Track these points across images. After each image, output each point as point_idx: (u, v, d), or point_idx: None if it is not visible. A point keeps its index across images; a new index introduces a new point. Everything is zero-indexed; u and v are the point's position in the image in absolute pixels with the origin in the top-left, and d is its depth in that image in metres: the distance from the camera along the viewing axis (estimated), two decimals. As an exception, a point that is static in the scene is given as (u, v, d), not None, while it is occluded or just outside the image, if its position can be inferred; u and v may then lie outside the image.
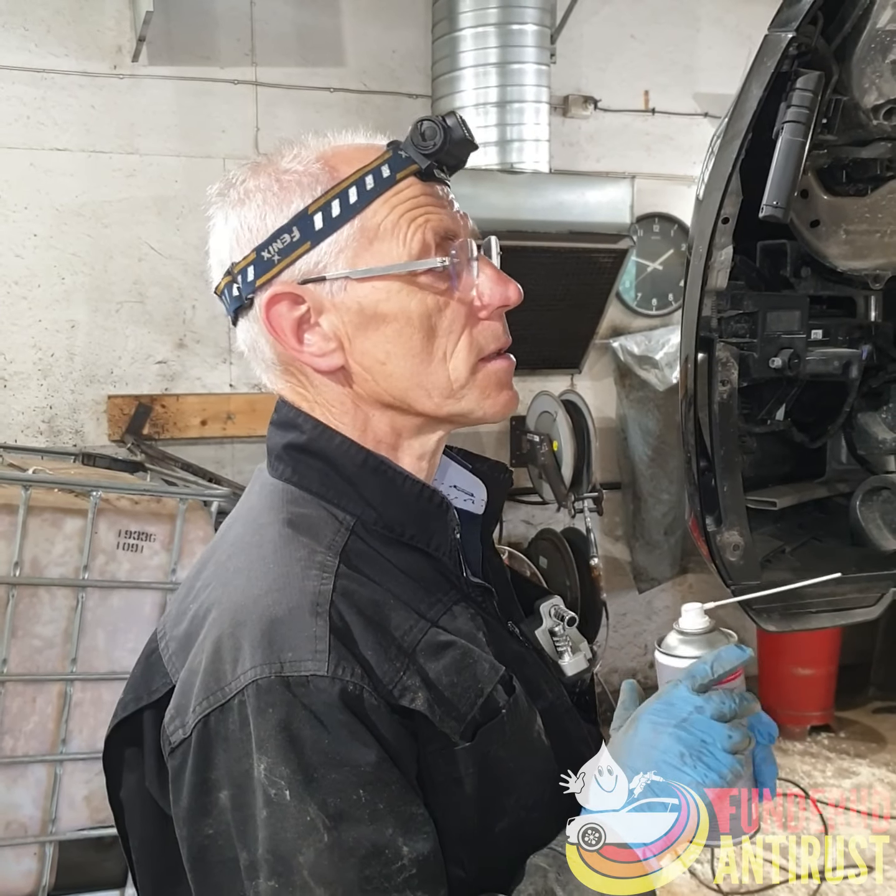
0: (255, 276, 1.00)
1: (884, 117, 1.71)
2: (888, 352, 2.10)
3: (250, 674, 0.88)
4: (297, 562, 0.95)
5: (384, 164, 0.99)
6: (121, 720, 1.03)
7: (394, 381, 1.00)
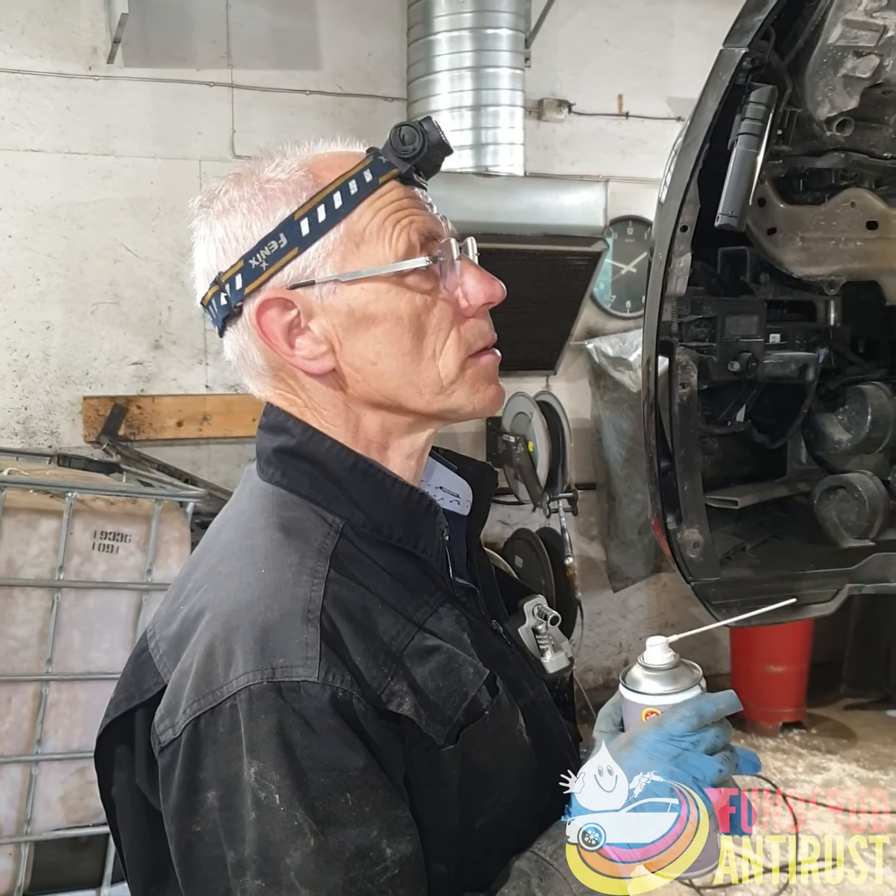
0: (244, 284, 1.02)
1: (837, 129, 1.75)
2: (846, 355, 2.14)
3: (243, 679, 0.90)
4: (289, 567, 0.96)
5: (366, 169, 1.01)
6: (112, 719, 1.05)
7: (385, 381, 1.02)
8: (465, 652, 1.00)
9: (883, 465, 2.15)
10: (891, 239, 1.97)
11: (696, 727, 0.96)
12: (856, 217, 1.95)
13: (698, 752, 0.95)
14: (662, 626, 5.20)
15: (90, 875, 2.76)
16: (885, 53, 1.67)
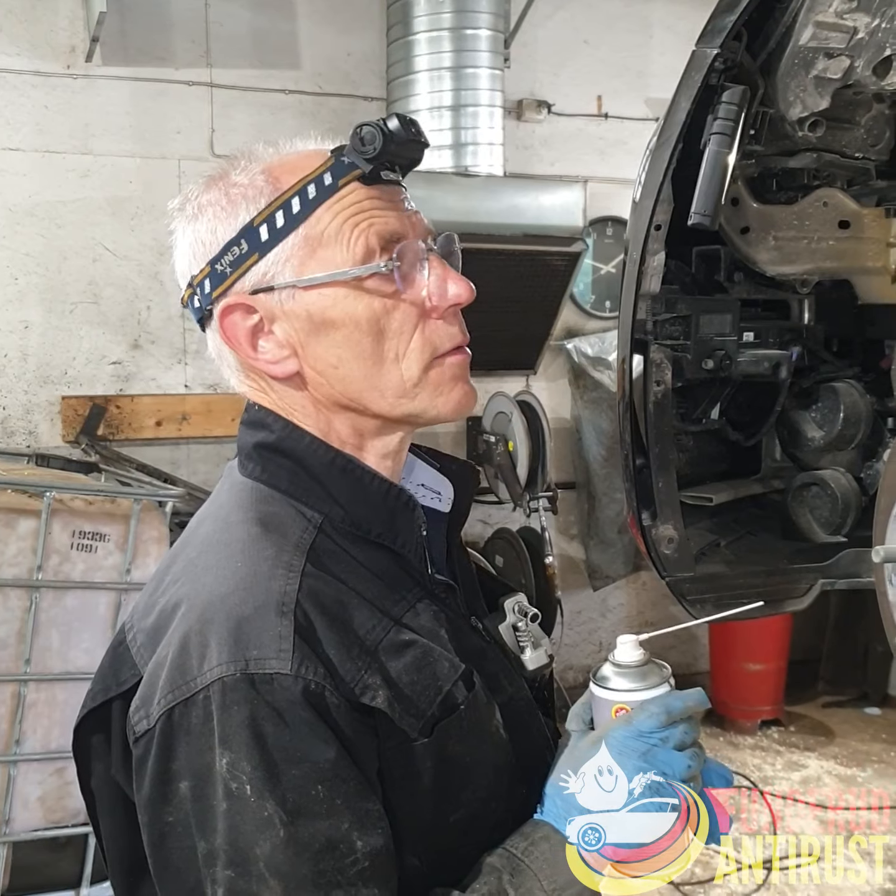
0: (212, 289, 1.03)
1: (808, 129, 1.77)
2: (819, 353, 2.16)
3: (216, 671, 0.91)
4: (265, 561, 0.97)
5: (326, 172, 1.00)
6: (89, 710, 1.05)
7: (348, 384, 1.02)
8: (441, 647, 1.01)
9: (855, 461, 2.17)
10: (862, 238, 1.99)
11: (665, 723, 0.96)
12: (828, 216, 1.97)
13: (667, 749, 0.95)
14: (642, 625, 5.22)
15: (69, 875, 2.76)
16: (856, 55, 1.68)
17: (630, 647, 1.02)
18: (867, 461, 2.17)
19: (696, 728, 0.99)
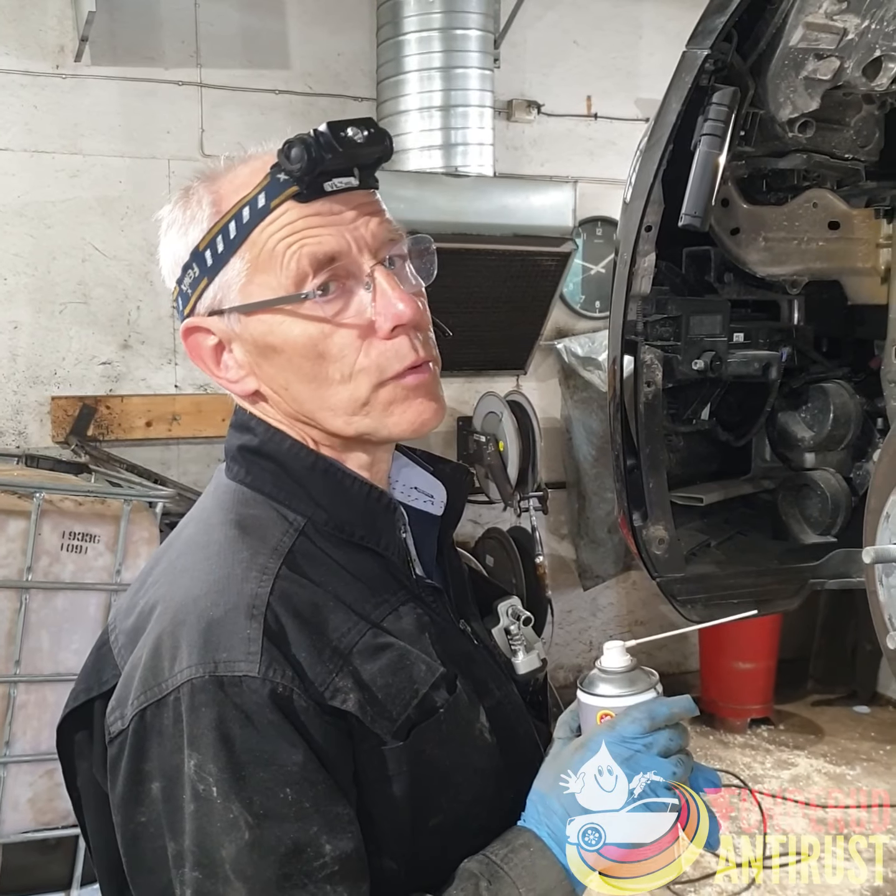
0: (182, 306, 1.04)
1: (798, 130, 1.78)
2: (808, 354, 2.17)
3: (186, 672, 0.91)
4: (239, 563, 0.97)
5: (261, 192, 0.98)
6: (72, 710, 1.05)
7: (301, 404, 1.02)
8: (422, 651, 1.00)
9: (845, 462, 2.18)
10: (852, 239, 2.00)
11: (649, 729, 0.95)
12: (818, 217, 1.98)
13: (651, 755, 0.95)
14: (632, 624, 5.23)
15: (59, 877, 2.75)
16: (846, 56, 1.69)
17: (617, 652, 1.01)
18: (857, 461, 2.18)
19: (682, 734, 0.98)
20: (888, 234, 2.00)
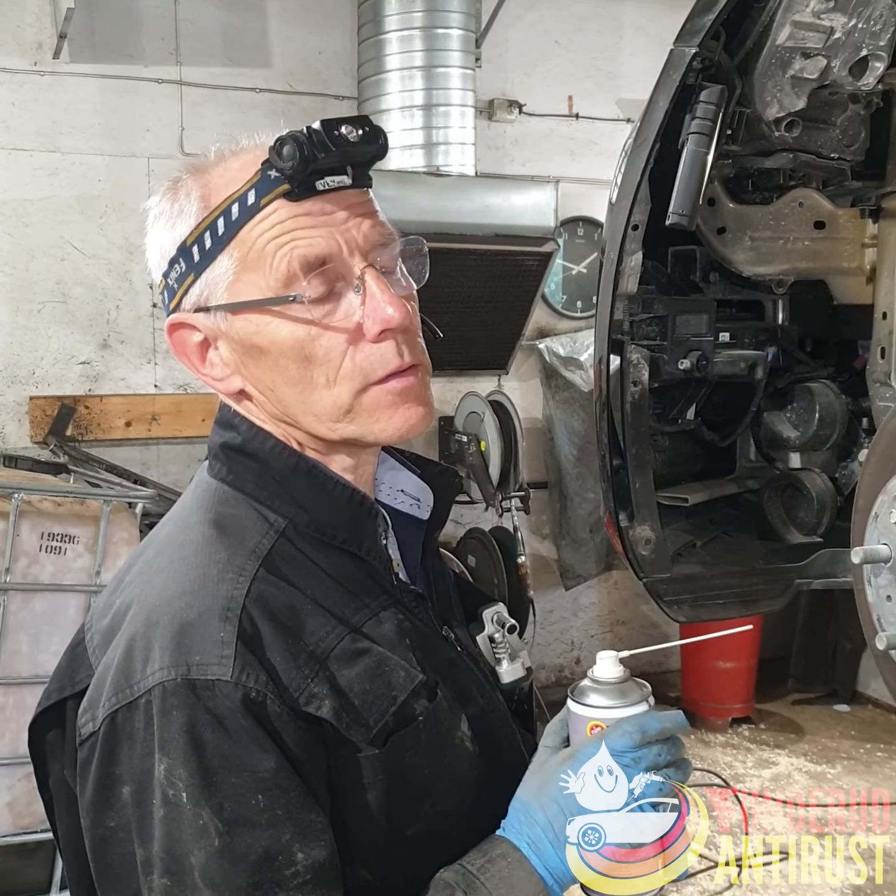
0: (168, 300, 1.02)
1: (785, 129, 1.78)
2: (794, 354, 2.17)
3: (158, 675, 0.89)
4: (216, 564, 0.95)
5: (251, 189, 0.95)
6: (44, 709, 1.04)
7: (286, 407, 1.01)
8: (402, 657, 0.98)
9: (831, 461, 2.18)
10: (838, 238, 2.00)
11: (639, 743, 0.94)
12: (803, 217, 1.98)
13: (638, 769, 0.93)
14: (614, 624, 5.24)
15: (38, 881, 2.73)
16: (832, 55, 1.69)
17: (610, 663, 0.99)
18: (842, 461, 2.18)
19: (671, 749, 0.96)
20: (873, 233, 2.01)
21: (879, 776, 4.35)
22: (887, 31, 1.70)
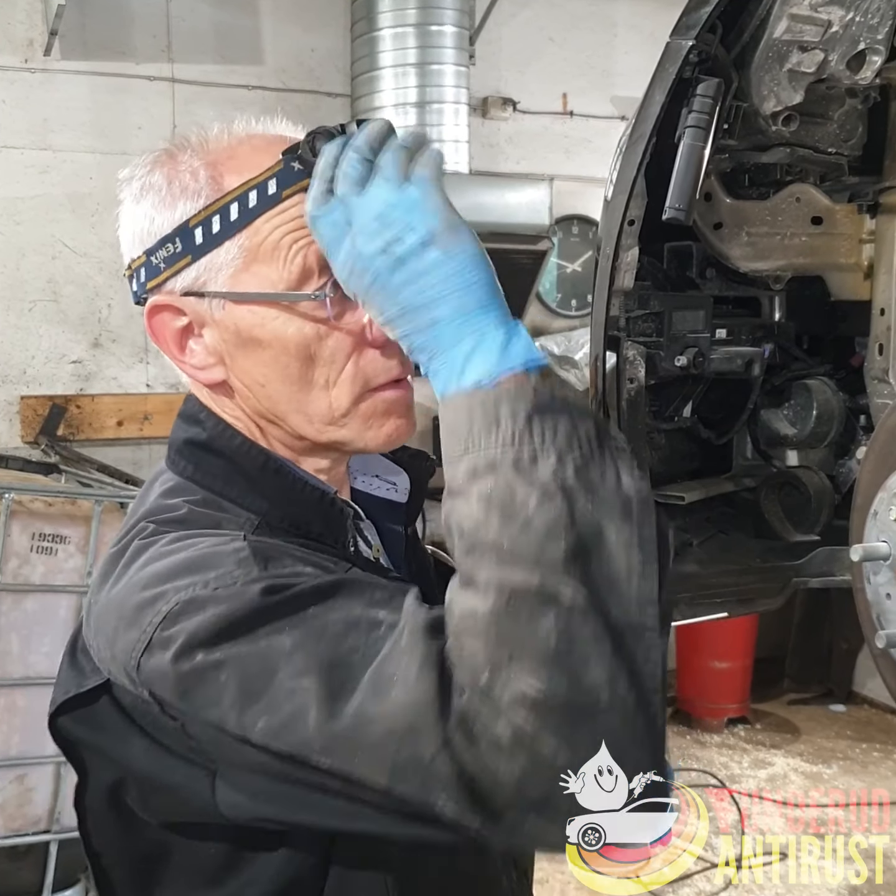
0: (146, 279, 0.97)
1: (782, 124, 1.76)
2: (791, 350, 2.16)
3: (181, 594, 0.83)
4: (204, 546, 0.89)
5: (272, 179, 0.92)
6: (59, 707, 0.96)
7: (274, 404, 0.97)
8: None
9: (828, 459, 2.17)
10: (835, 234, 1.99)
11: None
12: (801, 212, 1.96)
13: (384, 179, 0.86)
14: (609, 624, 5.23)
15: (30, 884, 2.72)
16: (830, 48, 1.68)
17: None
18: (840, 459, 2.17)
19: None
20: (871, 229, 1.99)
21: (875, 776, 4.35)
22: (885, 25, 1.68)
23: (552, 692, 0.71)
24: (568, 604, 0.73)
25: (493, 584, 0.75)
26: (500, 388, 0.80)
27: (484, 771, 0.72)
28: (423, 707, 0.73)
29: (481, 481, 0.77)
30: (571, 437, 0.78)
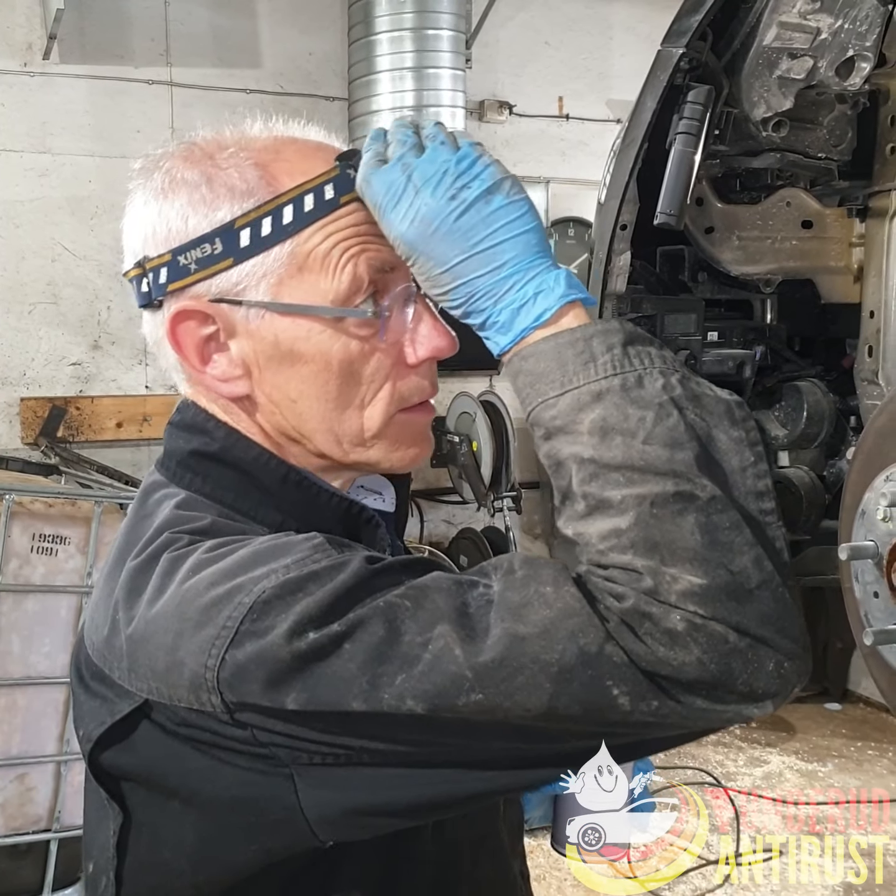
0: (168, 280, 0.90)
1: (772, 129, 1.79)
2: (782, 352, 2.19)
3: (263, 584, 0.78)
4: (267, 541, 0.84)
5: (329, 183, 0.87)
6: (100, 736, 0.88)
7: (303, 422, 0.92)
8: None
9: (818, 460, 2.19)
10: (825, 238, 2.02)
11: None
12: (791, 216, 1.99)
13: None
14: (606, 624, 5.25)
15: (31, 883, 2.71)
16: (819, 55, 1.70)
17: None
18: (830, 459, 2.19)
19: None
20: (860, 233, 2.02)
21: (870, 774, 4.36)
22: (873, 32, 1.71)
23: (711, 582, 0.75)
24: (704, 499, 0.76)
25: (631, 499, 0.77)
26: (586, 326, 0.82)
27: (659, 661, 0.74)
28: (574, 613, 0.75)
29: (590, 412, 0.79)
30: (665, 359, 0.82)
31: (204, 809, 0.86)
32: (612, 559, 0.77)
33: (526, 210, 0.85)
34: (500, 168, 0.86)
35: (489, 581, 0.79)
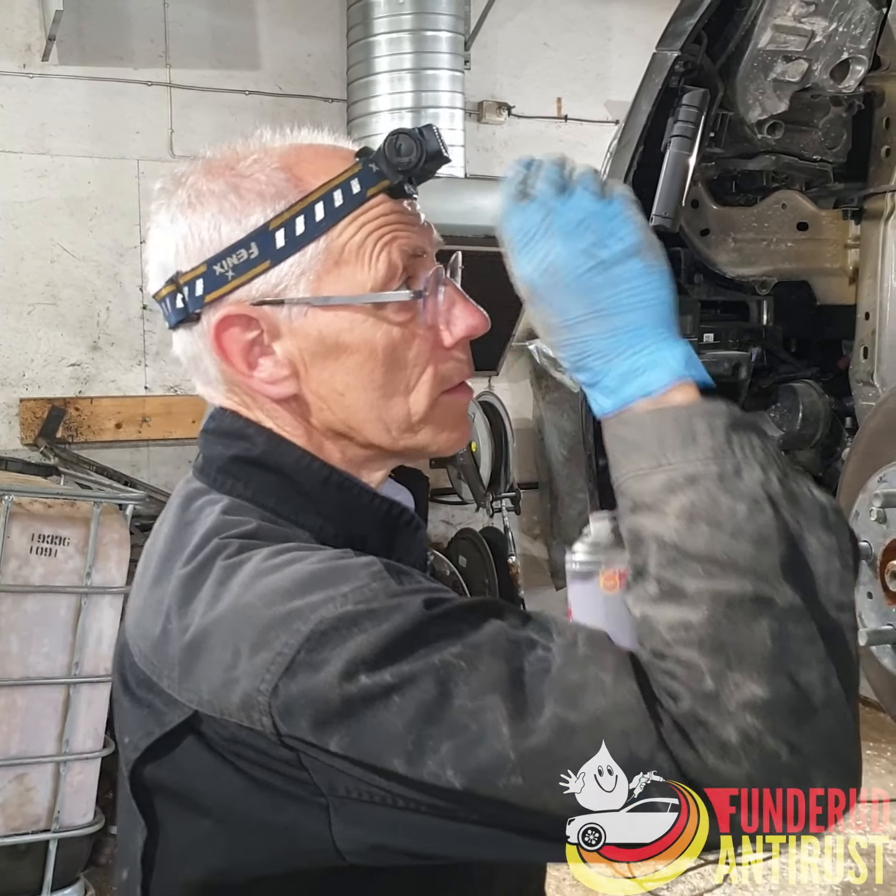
0: (205, 291, 0.91)
1: (767, 132, 1.79)
2: (778, 354, 2.19)
3: (321, 613, 0.78)
4: (326, 559, 0.85)
5: (354, 179, 0.90)
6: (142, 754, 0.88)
7: (352, 414, 0.93)
8: None
9: (814, 461, 2.20)
10: (821, 240, 2.02)
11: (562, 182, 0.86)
12: (786, 218, 2.00)
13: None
14: (604, 624, 5.26)
15: (30, 883, 2.73)
16: (814, 58, 1.71)
17: (603, 525, 0.94)
18: (826, 460, 2.20)
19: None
20: (856, 234, 2.02)
21: (868, 774, 4.35)
22: (867, 35, 1.72)
23: (775, 695, 0.73)
24: (782, 606, 0.74)
25: (706, 593, 0.75)
26: (692, 405, 0.80)
27: (708, 771, 0.73)
28: (629, 710, 0.73)
29: (681, 495, 0.77)
30: (767, 452, 0.79)
31: (234, 831, 0.85)
32: (676, 652, 0.75)
33: (661, 282, 0.83)
34: (645, 230, 0.84)
35: (549, 643, 0.78)
